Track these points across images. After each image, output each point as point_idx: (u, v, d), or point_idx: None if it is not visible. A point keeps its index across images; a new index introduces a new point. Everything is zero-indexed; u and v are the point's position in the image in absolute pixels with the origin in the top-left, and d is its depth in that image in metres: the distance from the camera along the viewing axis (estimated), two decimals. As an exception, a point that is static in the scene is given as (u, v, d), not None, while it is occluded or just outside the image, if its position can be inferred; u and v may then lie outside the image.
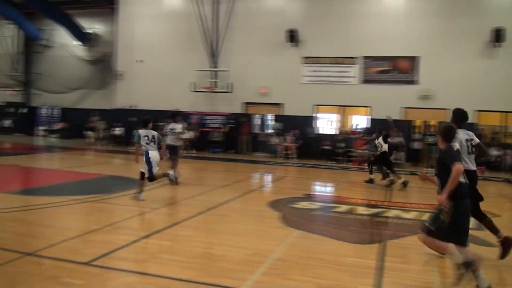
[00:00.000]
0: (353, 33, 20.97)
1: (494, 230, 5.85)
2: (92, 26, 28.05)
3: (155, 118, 21.07)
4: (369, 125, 20.50)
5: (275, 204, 9.25)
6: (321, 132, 22.13)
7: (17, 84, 29.98)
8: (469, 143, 5.80)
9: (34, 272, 4.88)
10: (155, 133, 9.45)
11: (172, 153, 11.59)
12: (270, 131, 22.43)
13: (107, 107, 25.68)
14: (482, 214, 5.91)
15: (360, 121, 23.13)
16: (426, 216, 8.60)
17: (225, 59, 22.83)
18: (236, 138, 22.34)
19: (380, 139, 12.58)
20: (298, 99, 21.53)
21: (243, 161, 18.91)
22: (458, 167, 4.57)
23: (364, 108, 21.48)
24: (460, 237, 4.70)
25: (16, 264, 5.10)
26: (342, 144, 20.33)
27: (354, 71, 21.16)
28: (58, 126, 28.03)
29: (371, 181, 12.74)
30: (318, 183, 14.21)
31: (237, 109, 22.87)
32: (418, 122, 20.37)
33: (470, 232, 5.17)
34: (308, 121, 21.62)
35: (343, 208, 9.28)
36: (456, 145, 5.04)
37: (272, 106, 22.65)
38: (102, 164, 15.74)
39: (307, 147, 20.65)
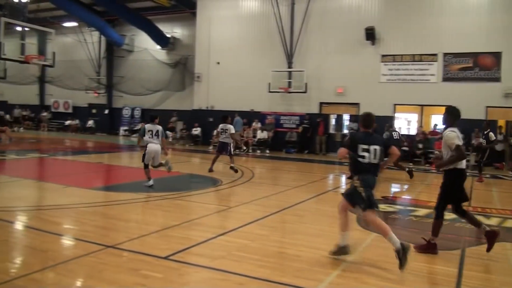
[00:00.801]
0: (433, 28, 20.12)
1: (476, 224, 6.00)
2: (172, 30, 29.08)
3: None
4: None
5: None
6: (399, 132, 21.41)
7: (100, 87, 31.77)
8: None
9: (115, 264, 5.13)
10: (159, 128, 10.43)
11: (224, 149, 13.18)
12: (346, 131, 22.08)
13: (186, 108, 26.52)
14: (463, 210, 6.08)
15: (440, 121, 22.14)
16: (509, 223, 8.14)
17: (300, 59, 22.76)
18: (311, 139, 22.22)
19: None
20: (375, 98, 20.95)
21: (318, 162, 18.77)
22: None
23: (445, 107, 20.40)
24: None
25: (98, 255, 5.39)
26: (421, 145, 19.60)
27: (434, 69, 20.30)
28: (139, 126, 29.28)
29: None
30: (395, 185, 13.78)
31: (313, 109, 22.74)
32: (501, 122, 19.11)
33: None
34: (386, 121, 20.94)
35: (422, 212, 8.94)
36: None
37: (348, 106, 22.29)
38: (181, 162, 16.22)
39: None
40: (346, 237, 5.50)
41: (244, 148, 21.87)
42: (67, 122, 32.90)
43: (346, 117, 22.97)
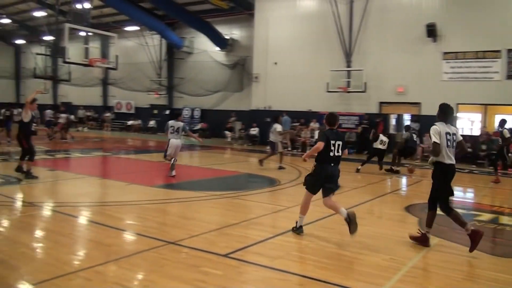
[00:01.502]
0: (496, 24, 19.13)
1: (461, 223, 5.99)
2: (230, 32, 29.42)
3: (292, 119, 21.33)
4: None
5: (412, 209, 8.84)
6: (461, 133, 20.55)
7: (161, 88, 32.64)
8: (449, 137, 6.14)
9: (176, 260, 5.25)
10: (181, 124, 11.53)
11: (272, 148, 14.32)
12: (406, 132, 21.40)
13: (244, 108, 26.73)
14: (449, 208, 6.13)
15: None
16: None
17: (359, 58, 22.34)
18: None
19: None
20: (437, 97, 19.96)
21: (378, 163, 18.31)
22: None
23: (510, 106, 19.47)
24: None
25: (160, 251, 5.52)
26: (485, 147, 18.72)
27: (498, 66, 19.26)
28: (198, 126, 29.81)
29: None
30: (457, 188, 13.21)
31: (372, 109, 22.25)
32: None
33: None
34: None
35: (486, 216, 8.53)
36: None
37: (409, 105, 21.62)
38: (240, 162, 16.37)
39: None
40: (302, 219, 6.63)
41: (289, 148, 21.77)
42: (129, 122, 34.04)
43: (406, 117, 22.26)
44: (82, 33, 23.99)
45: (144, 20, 29.40)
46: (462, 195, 12.41)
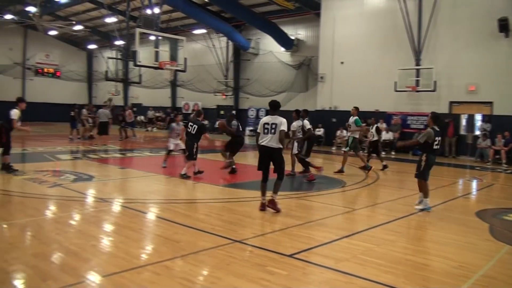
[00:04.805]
0: None
1: None
2: (295, 32, 29.41)
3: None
4: None
5: (482, 214, 8.41)
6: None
7: (227, 89, 33.17)
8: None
9: (242, 258, 5.34)
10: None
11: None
12: (478, 132, 20.43)
13: (309, 108, 26.38)
14: None
15: None
16: None
17: (429, 56, 21.54)
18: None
19: None
20: (510, 96, 19.05)
21: (448, 165, 17.65)
22: None
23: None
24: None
25: (226, 249, 5.63)
26: None
27: None
28: (264, 127, 29.93)
29: None
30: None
31: (442, 108, 21.28)
32: None
33: None
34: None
35: None
36: None
37: (481, 104, 20.56)
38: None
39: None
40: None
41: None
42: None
43: (478, 117, 21.16)
44: (152, 37, 24.75)
45: (212, 22, 30.03)
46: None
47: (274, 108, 8.24)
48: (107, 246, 5.78)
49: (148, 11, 24.28)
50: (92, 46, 44.23)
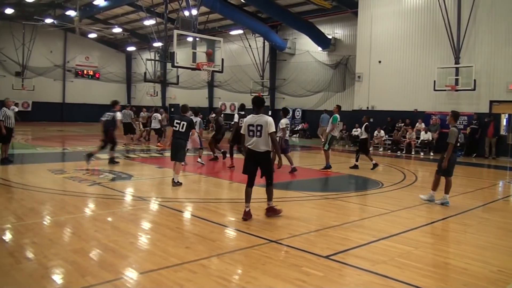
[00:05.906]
0: None
1: None
2: (332, 31, 29.23)
3: (395, 119, 20.75)
4: None
5: (525, 218, 8.14)
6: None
7: (264, 89, 33.23)
8: None
9: (277, 258, 5.36)
10: (198, 119, 13.85)
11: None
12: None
13: (346, 108, 26.33)
14: None
15: None
16: None
17: (468, 54, 20.98)
18: (480, 141, 20.32)
19: None
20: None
21: (487, 166, 17.18)
22: None
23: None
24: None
25: (262, 248, 5.66)
26: None
27: None
28: (299, 126, 29.86)
29: None
30: None
31: (482, 108, 20.71)
32: None
33: None
34: None
35: None
36: None
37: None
38: (341, 163, 16.14)
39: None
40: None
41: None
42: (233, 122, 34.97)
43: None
44: (190, 39, 25.03)
45: (248, 23, 30.20)
46: None
47: (258, 105, 7.44)
48: (144, 243, 5.90)
49: (186, 13, 24.57)
50: (130, 48, 45.18)
